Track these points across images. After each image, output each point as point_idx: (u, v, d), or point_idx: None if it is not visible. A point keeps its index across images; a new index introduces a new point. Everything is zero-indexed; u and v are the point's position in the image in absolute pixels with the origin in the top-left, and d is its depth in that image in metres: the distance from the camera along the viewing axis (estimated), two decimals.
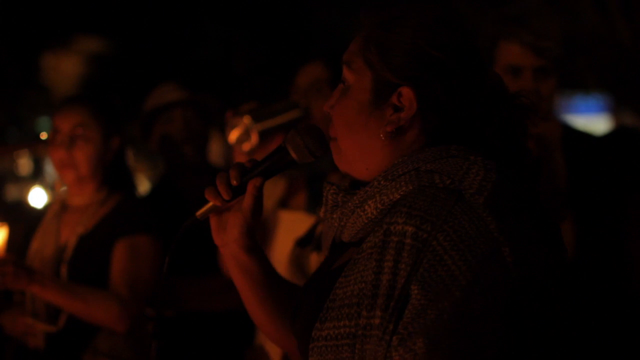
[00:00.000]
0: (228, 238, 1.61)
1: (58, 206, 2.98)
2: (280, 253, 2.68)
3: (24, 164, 14.22)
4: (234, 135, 2.53)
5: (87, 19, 12.67)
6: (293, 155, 1.58)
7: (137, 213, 2.92)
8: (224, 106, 3.26)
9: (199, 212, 1.60)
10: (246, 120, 2.49)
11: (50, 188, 5.02)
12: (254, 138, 2.48)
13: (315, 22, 12.25)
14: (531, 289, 1.35)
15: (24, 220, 3.16)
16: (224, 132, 2.59)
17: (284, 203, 2.92)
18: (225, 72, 12.21)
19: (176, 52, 12.53)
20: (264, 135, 2.50)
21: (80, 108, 2.93)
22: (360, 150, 1.50)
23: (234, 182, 1.57)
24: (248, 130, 2.49)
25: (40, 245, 2.91)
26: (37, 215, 3.22)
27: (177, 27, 12.58)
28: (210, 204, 1.59)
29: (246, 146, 2.50)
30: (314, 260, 2.49)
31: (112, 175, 2.97)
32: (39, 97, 13.34)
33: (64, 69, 13.61)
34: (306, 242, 2.56)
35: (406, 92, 1.45)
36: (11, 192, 11.49)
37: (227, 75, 11.89)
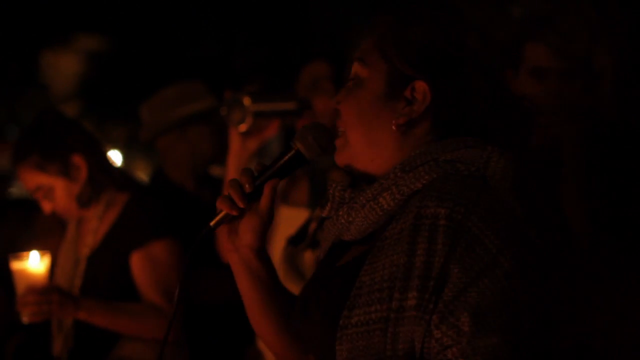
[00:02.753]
0: (241, 243, 1.60)
1: (74, 221, 2.95)
2: (280, 250, 2.68)
3: None
4: (224, 111, 2.58)
5: (87, 17, 12.66)
6: (304, 152, 1.58)
7: (145, 220, 2.86)
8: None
9: (213, 222, 1.59)
10: (246, 101, 2.52)
11: None
12: (250, 119, 2.52)
13: (315, 20, 12.24)
14: (552, 271, 1.41)
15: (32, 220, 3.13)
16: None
17: (285, 198, 2.91)
18: (225, 70, 12.19)
19: (175, 49, 12.51)
20: (259, 118, 2.54)
21: (28, 170, 2.82)
22: (369, 141, 1.51)
23: (248, 189, 1.57)
24: (245, 110, 2.52)
25: (63, 261, 2.90)
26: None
27: (176, 25, 12.57)
28: (224, 212, 1.58)
29: (242, 127, 2.53)
30: (309, 258, 2.48)
31: (96, 185, 2.88)
32: (39, 95, 13.32)
33: (64, 67, 13.60)
34: (299, 240, 2.55)
35: (420, 85, 1.48)
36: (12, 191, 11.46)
37: (227, 73, 11.87)
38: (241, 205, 1.56)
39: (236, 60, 12.95)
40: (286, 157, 1.59)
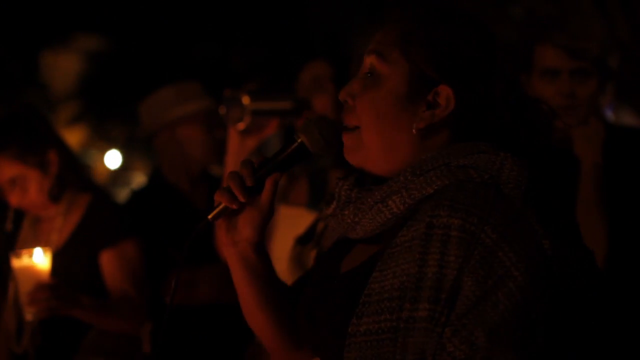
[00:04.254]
0: (240, 237, 1.56)
1: (31, 217, 2.95)
2: (281, 249, 2.68)
3: None
4: (223, 110, 2.57)
5: (86, 17, 12.65)
6: (308, 145, 1.53)
7: (114, 219, 2.89)
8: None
9: (211, 215, 1.54)
10: (244, 99, 2.51)
11: None
12: (248, 118, 2.51)
13: (314, 20, 12.23)
14: (567, 282, 1.37)
15: None
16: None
17: (285, 197, 2.91)
18: (224, 70, 12.18)
19: (175, 49, 12.51)
20: (257, 116, 2.54)
21: (5, 159, 2.80)
22: (387, 144, 1.46)
23: (249, 182, 1.52)
24: (244, 109, 2.52)
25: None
26: None
27: (176, 25, 12.56)
28: (223, 205, 1.53)
29: (241, 125, 2.53)
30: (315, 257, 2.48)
31: (62, 185, 2.88)
32: (38, 94, 13.31)
33: (63, 66, 13.59)
34: (307, 240, 2.55)
35: (445, 90, 1.44)
36: None
37: (226, 73, 11.86)
38: (242, 199, 1.51)
39: (235, 61, 12.95)
40: (289, 150, 1.54)
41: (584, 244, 1.45)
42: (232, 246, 1.58)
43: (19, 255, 2.60)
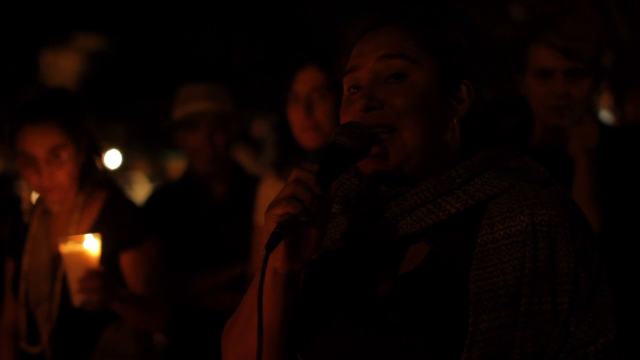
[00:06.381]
0: (300, 257, 1.38)
1: (40, 213, 2.88)
2: None
3: None
4: None
5: (86, 17, 12.66)
6: (348, 144, 1.39)
7: (136, 220, 2.81)
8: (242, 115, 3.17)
9: (279, 229, 1.30)
10: None
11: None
12: None
13: (313, 19, 12.24)
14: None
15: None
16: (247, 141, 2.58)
17: None
18: (224, 69, 12.19)
19: (175, 49, 12.52)
20: None
21: (50, 127, 2.69)
22: (429, 140, 1.45)
23: (318, 191, 1.34)
24: None
25: (33, 259, 2.80)
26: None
27: (176, 25, 12.57)
28: (289, 218, 1.31)
29: None
30: None
31: (86, 175, 2.79)
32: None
33: (63, 66, 13.60)
34: None
35: (466, 84, 1.50)
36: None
37: (226, 73, 11.87)
38: (314, 209, 1.33)
39: (235, 61, 12.96)
40: (333, 155, 1.40)
41: None
42: (287, 267, 1.38)
43: (65, 241, 2.51)
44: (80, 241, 2.51)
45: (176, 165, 12.97)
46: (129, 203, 2.90)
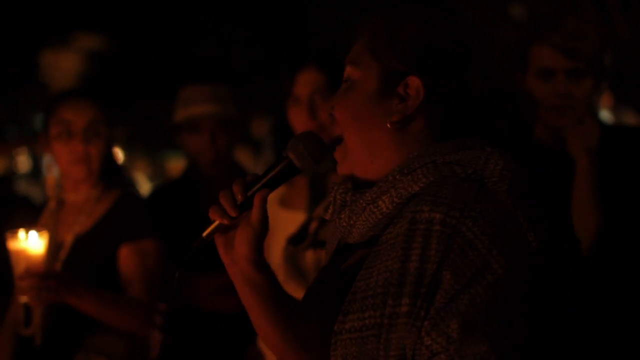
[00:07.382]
0: (237, 255, 1.58)
1: (54, 203, 2.95)
2: (277, 253, 2.67)
3: (23, 162, 14.21)
4: None
5: (86, 17, 12.65)
6: (296, 162, 1.56)
7: (140, 216, 2.89)
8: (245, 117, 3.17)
9: (206, 233, 1.59)
10: None
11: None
12: None
13: (313, 18, 12.23)
14: (551, 275, 1.37)
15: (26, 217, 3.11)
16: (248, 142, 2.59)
17: (284, 202, 2.91)
18: (224, 69, 12.18)
19: (175, 49, 12.51)
20: None
21: (90, 103, 2.90)
22: (366, 142, 1.49)
23: (240, 198, 1.55)
24: None
25: None
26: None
27: (176, 25, 12.56)
28: (216, 222, 1.57)
29: None
30: (310, 257, 2.48)
31: (105, 171, 2.92)
32: (38, 94, 13.31)
33: (63, 66, 13.59)
34: (299, 240, 2.54)
35: (413, 81, 1.47)
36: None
37: (226, 73, 11.86)
38: (233, 214, 1.55)
39: (235, 61, 12.95)
40: (278, 168, 1.57)
41: (574, 235, 1.46)
42: (232, 265, 1.60)
43: (14, 236, 2.51)
44: (25, 238, 2.50)
45: (176, 165, 12.97)
46: (140, 202, 2.97)
